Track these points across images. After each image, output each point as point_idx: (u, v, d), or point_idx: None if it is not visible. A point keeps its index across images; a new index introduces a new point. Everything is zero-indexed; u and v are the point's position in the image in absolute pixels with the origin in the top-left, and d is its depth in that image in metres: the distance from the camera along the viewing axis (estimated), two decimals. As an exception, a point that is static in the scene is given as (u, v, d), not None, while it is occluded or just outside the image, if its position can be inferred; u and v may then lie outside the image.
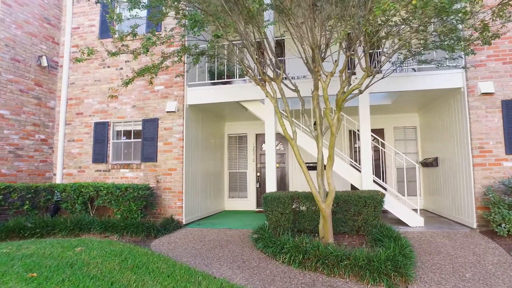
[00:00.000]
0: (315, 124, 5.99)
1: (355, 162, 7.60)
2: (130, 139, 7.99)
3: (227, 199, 10.04)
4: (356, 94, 5.30)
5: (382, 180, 8.12)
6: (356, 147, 9.18)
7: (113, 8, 5.39)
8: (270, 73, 6.40)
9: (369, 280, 3.81)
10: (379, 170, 8.94)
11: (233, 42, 5.77)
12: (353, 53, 4.91)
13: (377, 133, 8.64)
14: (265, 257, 4.85)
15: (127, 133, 8.03)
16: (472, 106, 6.25)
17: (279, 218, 5.79)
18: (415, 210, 6.68)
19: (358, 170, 6.90)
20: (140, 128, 7.84)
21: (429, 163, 8.05)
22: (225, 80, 7.85)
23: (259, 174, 9.94)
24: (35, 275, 3.13)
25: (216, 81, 7.79)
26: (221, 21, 4.87)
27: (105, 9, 7.88)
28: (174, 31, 5.58)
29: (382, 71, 5.66)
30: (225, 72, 7.81)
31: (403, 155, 7.48)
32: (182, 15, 5.08)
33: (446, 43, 5.00)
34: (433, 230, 6.10)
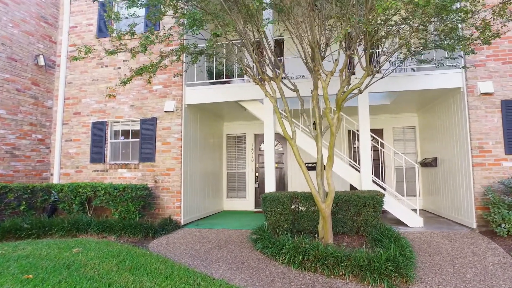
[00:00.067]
0: (314, 124, 5.95)
1: (354, 162, 7.57)
2: (128, 139, 7.93)
3: (225, 199, 10.00)
4: (355, 93, 5.28)
5: (381, 180, 8.10)
6: (355, 147, 9.16)
7: (111, 6, 5.34)
8: (269, 73, 6.37)
9: (370, 281, 3.78)
10: (378, 170, 8.93)
11: (232, 41, 5.74)
12: (353, 52, 4.88)
13: (376, 133, 8.61)
14: (264, 257, 4.82)
15: (125, 133, 7.97)
16: (471, 106, 6.24)
17: (278, 218, 5.75)
18: (414, 210, 6.66)
19: (357, 170, 6.87)
20: (138, 128, 7.79)
21: (428, 163, 8.04)
22: (224, 79, 7.81)
23: (257, 174, 9.91)
24: (31, 276, 3.08)
25: (214, 80, 7.75)
26: (220, 19, 4.84)
27: (103, 8, 7.83)
28: (172, 30, 5.53)
29: (381, 71, 5.63)
30: (224, 71, 7.77)
31: (402, 155, 7.47)
32: (181, 14, 5.04)
33: (446, 42, 4.98)
34: (432, 230, 6.08)
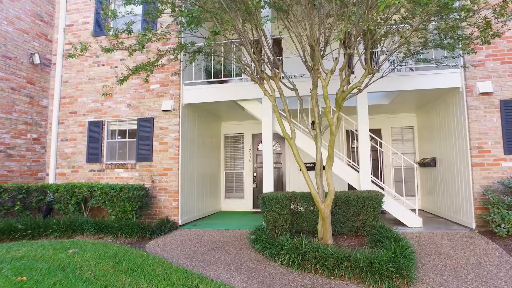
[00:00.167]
0: (313, 123, 5.91)
1: (353, 162, 7.54)
2: (125, 138, 7.84)
3: (223, 200, 9.93)
4: (355, 93, 5.24)
5: (379, 180, 8.07)
6: (353, 147, 9.13)
7: (107, 4, 5.26)
8: (268, 72, 6.31)
9: (371, 282, 3.73)
10: (376, 170, 8.91)
11: (231, 40, 5.68)
12: (353, 51, 4.84)
13: (374, 133, 8.58)
14: (263, 258, 4.76)
15: (122, 133, 7.88)
16: (470, 106, 6.22)
17: (277, 218, 5.69)
18: (413, 210, 6.63)
19: (356, 170, 6.84)
20: (135, 127, 7.70)
21: (427, 163, 8.02)
22: (222, 79, 7.75)
23: (255, 174, 9.85)
24: (25, 278, 3.00)
25: (212, 80, 7.68)
26: (219, 17, 4.77)
27: (100, 6, 7.73)
28: (170, 28, 5.46)
29: (381, 70, 5.60)
30: (222, 71, 7.71)
31: (401, 155, 7.45)
32: (179, 11, 4.97)
33: (446, 41, 4.96)
34: (432, 230, 6.06)
